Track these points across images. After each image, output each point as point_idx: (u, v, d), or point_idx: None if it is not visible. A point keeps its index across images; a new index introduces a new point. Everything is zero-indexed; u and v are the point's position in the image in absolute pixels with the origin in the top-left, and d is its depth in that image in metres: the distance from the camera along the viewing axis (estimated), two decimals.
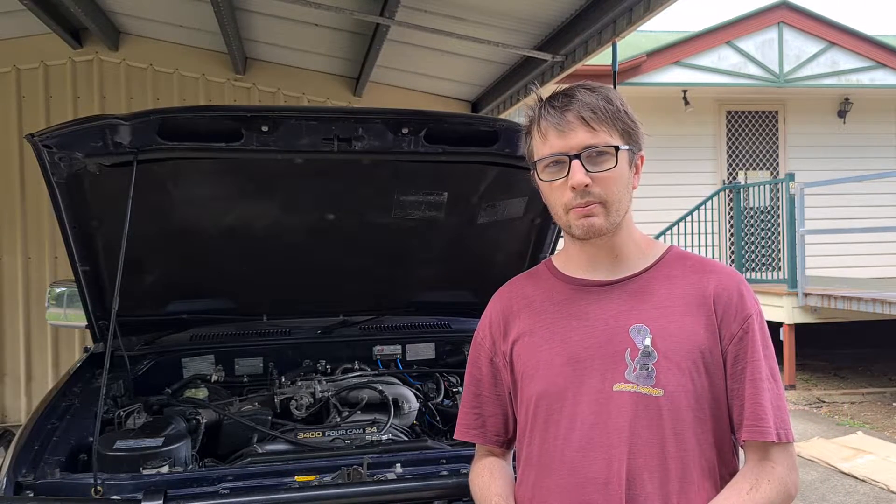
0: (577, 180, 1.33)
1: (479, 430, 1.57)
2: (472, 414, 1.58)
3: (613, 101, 1.38)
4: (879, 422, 6.64)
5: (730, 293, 1.40)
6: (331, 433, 2.38)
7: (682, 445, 1.34)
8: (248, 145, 2.16)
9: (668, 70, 10.08)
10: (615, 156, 1.36)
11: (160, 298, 2.78)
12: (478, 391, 1.57)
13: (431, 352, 3.10)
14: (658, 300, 1.40)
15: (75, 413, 2.23)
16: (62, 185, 2.17)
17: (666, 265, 1.45)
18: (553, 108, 1.38)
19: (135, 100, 6.16)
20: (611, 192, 1.37)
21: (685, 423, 1.35)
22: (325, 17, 5.07)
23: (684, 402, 1.34)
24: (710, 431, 1.37)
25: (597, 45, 4.66)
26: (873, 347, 9.29)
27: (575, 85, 1.41)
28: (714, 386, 1.37)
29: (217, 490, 1.78)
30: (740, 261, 9.46)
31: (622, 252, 1.45)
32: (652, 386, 1.34)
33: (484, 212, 2.73)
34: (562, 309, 1.45)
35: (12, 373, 6.09)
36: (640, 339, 1.36)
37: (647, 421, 1.34)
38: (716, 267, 1.45)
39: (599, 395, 1.36)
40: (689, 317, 1.38)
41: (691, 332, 1.37)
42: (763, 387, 1.35)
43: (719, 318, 1.38)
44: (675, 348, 1.35)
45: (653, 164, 10.93)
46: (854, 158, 10.66)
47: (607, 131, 1.36)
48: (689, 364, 1.35)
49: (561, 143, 1.36)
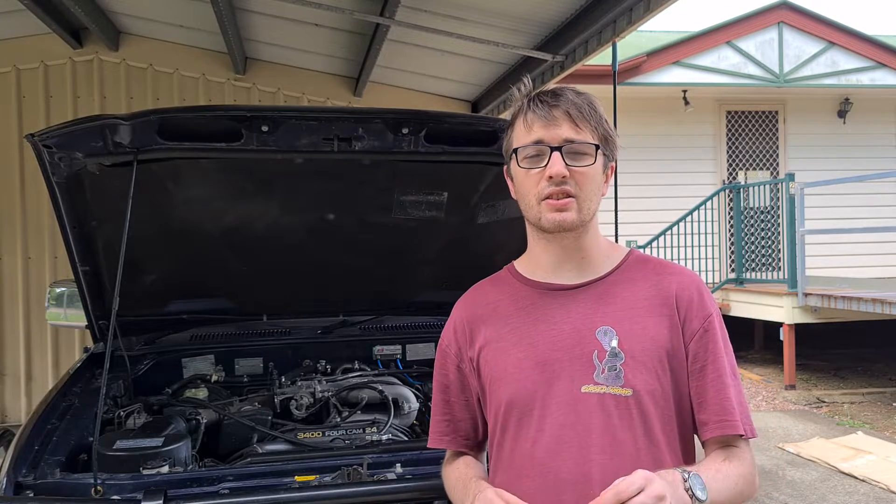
0: (556, 170, 1.36)
1: (451, 436, 1.58)
2: (444, 421, 1.58)
3: (597, 108, 1.43)
4: (879, 422, 6.64)
5: (690, 293, 1.44)
6: (331, 433, 2.39)
7: (652, 444, 1.37)
8: (248, 145, 2.16)
9: (668, 70, 10.07)
10: (594, 154, 1.40)
11: (160, 298, 2.78)
12: (447, 398, 1.58)
13: (431, 352, 3.09)
14: (623, 302, 1.43)
15: (75, 413, 2.23)
16: (62, 185, 2.17)
17: (628, 269, 1.48)
18: (542, 103, 1.41)
19: (135, 100, 6.16)
20: (585, 189, 1.39)
21: (654, 421, 1.37)
22: (325, 17, 5.07)
23: (652, 401, 1.37)
24: (675, 429, 1.40)
25: (597, 45, 4.66)
26: (873, 347, 9.29)
27: (563, 86, 1.45)
28: (678, 384, 1.40)
29: (217, 490, 1.78)
30: (740, 261, 9.46)
31: (587, 254, 1.47)
32: (621, 386, 1.36)
33: (484, 212, 2.73)
34: (528, 313, 1.46)
35: (12, 373, 6.09)
36: (606, 340, 1.38)
37: (617, 421, 1.35)
38: (675, 269, 1.50)
39: (568, 398, 1.37)
40: (653, 318, 1.41)
41: (655, 333, 1.40)
42: (727, 383, 1.39)
43: (682, 317, 1.42)
44: (641, 349, 1.38)
45: (653, 164, 10.96)
46: (854, 158, 10.65)
47: (589, 132, 1.40)
48: (655, 364, 1.38)
49: (545, 134, 1.39)
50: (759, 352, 9.73)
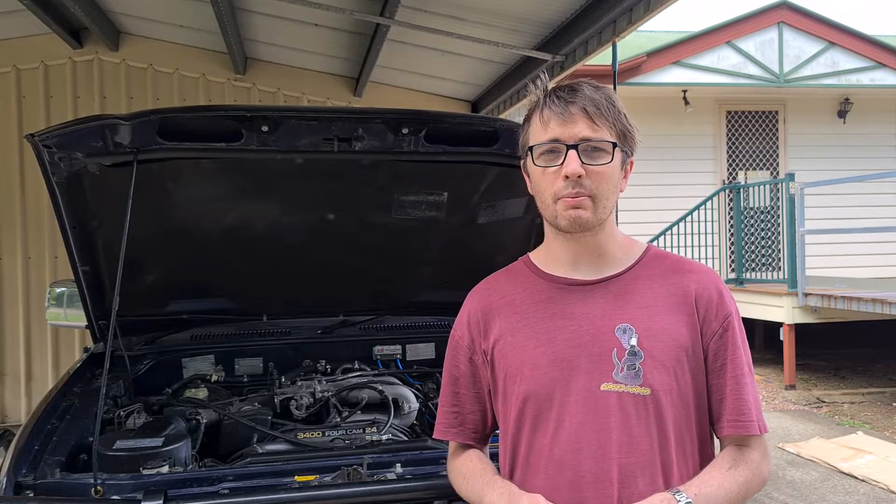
0: (572, 169, 1.35)
1: (458, 428, 1.57)
2: (451, 413, 1.57)
3: (615, 103, 1.41)
4: (879, 422, 6.63)
5: (710, 292, 1.44)
6: (331, 433, 2.38)
7: (669, 442, 1.38)
8: (248, 145, 2.16)
9: (668, 70, 10.07)
10: (611, 152, 1.38)
11: (160, 298, 2.78)
12: (456, 389, 1.56)
13: (431, 352, 3.10)
14: (641, 300, 1.42)
15: (75, 413, 2.23)
16: (62, 185, 2.17)
17: (646, 265, 1.47)
18: (558, 99, 1.39)
19: (135, 100, 6.16)
20: (601, 188, 1.37)
21: (671, 420, 1.38)
22: (325, 17, 5.07)
23: (670, 400, 1.38)
24: (693, 426, 1.41)
25: (597, 45, 4.67)
26: (873, 347, 9.29)
27: (581, 80, 1.43)
28: (697, 382, 1.41)
29: (217, 490, 1.78)
30: (740, 261, 9.46)
31: (605, 250, 1.45)
32: (639, 385, 1.36)
33: (484, 212, 2.73)
34: (545, 308, 1.45)
35: (12, 373, 6.09)
36: (626, 339, 1.38)
37: (636, 420, 1.36)
38: (694, 266, 1.49)
39: (587, 395, 1.37)
40: (672, 316, 1.40)
41: (675, 332, 1.40)
42: (745, 382, 1.41)
43: (701, 317, 1.42)
44: (660, 347, 1.37)
45: (653, 164, 10.97)
46: (854, 158, 10.65)
47: (607, 129, 1.38)
48: (674, 363, 1.38)
49: (561, 132, 1.37)
50: (758, 352, 9.72)
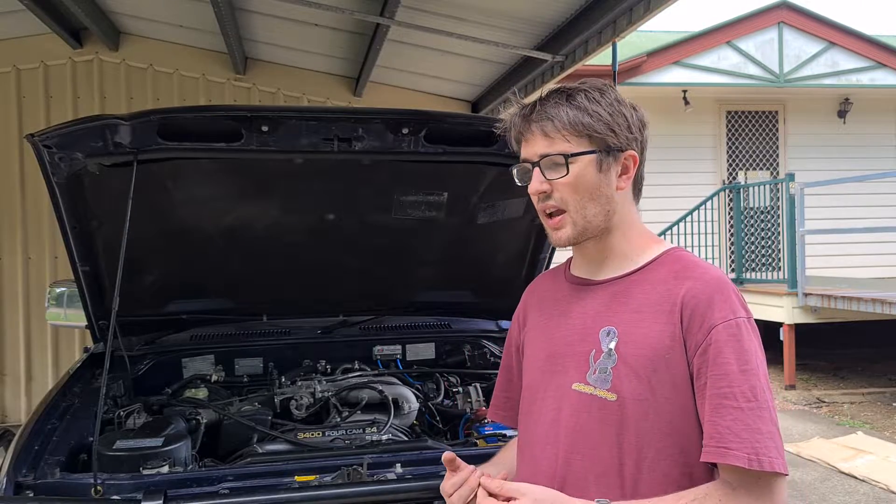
0: (533, 188, 1.38)
1: (507, 412, 1.65)
2: (503, 397, 1.67)
3: (585, 106, 1.33)
4: (879, 422, 6.64)
5: (697, 300, 1.28)
6: (331, 433, 2.38)
7: (631, 454, 1.28)
8: (248, 145, 2.16)
9: (668, 70, 10.08)
10: (565, 164, 1.33)
11: (160, 298, 2.78)
12: (509, 377, 1.65)
13: (431, 352, 3.10)
14: (634, 304, 1.35)
15: (75, 413, 2.23)
16: (62, 185, 2.17)
17: (654, 268, 1.38)
18: (520, 118, 1.40)
19: (135, 100, 6.16)
20: (569, 199, 1.35)
21: (644, 433, 1.28)
22: (325, 17, 5.07)
23: (642, 412, 1.28)
24: (675, 447, 1.27)
25: (597, 45, 4.66)
26: (873, 347, 9.29)
27: (556, 88, 1.39)
28: (682, 398, 1.27)
29: (217, 490, 1.79)
30: (740, 261, 9.46)
31: (612, 253, 1.42)
32: (607, 390, 1.31)
33: (484, 212, 2.73)
34: (555, 305, 1.49)
35: (12, 373, 6.09)
36: (606, 341, 1.34)
37: (598, 424, 1.31)
38: (695, 272, 1.33)
39: (559, 393, 1.39)
40: (658, 324, 1.30)
41: (656, 341, 1.29)
42: (724, 404, 1.21)
43: (684, 327, 1.28)
44: (636, 354, 1.30)
45: (653, 165, 10.99)
46: (854, 158, 10.65)
47: (565, 139, 1.33)
48: (649, 372, 1.28)
49: (525, 151, 1.40)
50: None
